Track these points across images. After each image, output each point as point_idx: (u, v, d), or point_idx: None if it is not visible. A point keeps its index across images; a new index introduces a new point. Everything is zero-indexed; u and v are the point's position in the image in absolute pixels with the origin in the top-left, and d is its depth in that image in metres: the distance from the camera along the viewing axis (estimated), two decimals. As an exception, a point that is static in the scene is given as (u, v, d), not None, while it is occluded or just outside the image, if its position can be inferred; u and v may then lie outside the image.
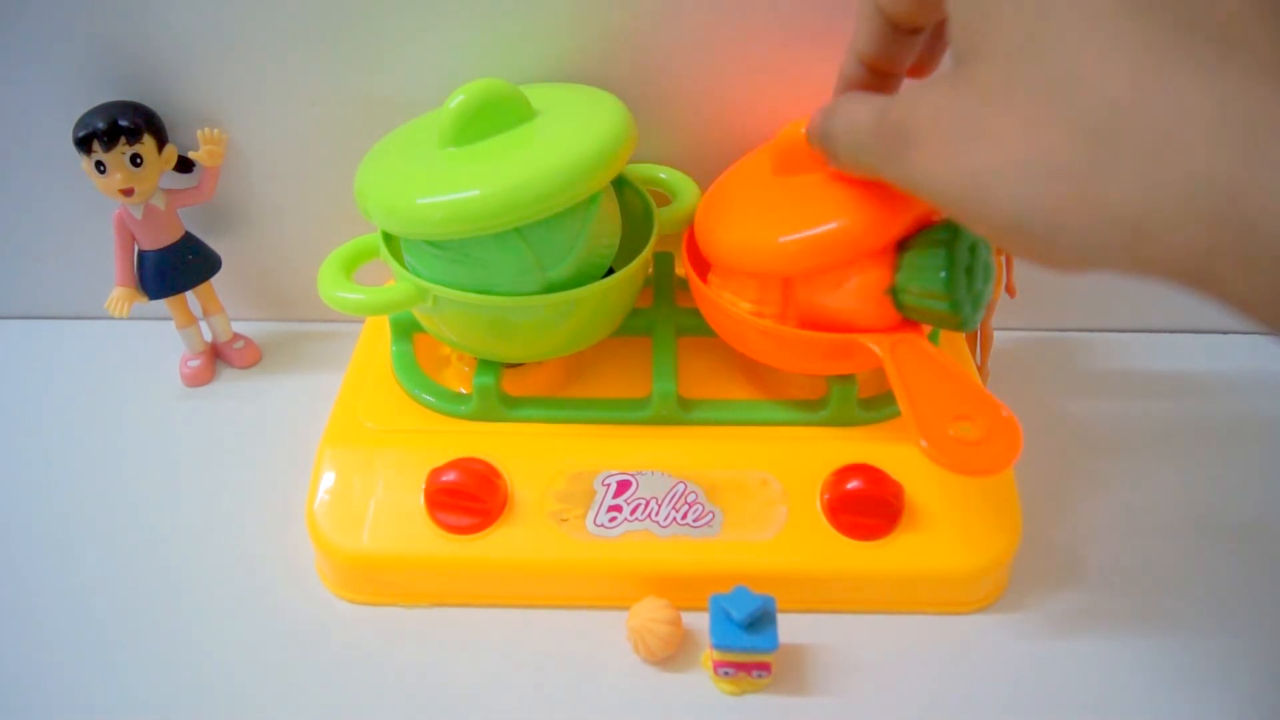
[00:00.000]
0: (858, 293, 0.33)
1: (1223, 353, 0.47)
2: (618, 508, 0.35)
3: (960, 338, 0.42)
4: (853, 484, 0.34)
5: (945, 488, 0.35)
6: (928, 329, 0.34)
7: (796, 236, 0.33)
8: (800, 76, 0.41)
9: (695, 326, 0.39)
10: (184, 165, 0.43)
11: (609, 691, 0.32)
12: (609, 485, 0.35)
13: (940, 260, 0.31)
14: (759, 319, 0.34)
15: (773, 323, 0.34)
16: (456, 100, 0.34)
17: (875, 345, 0.33)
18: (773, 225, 0.34)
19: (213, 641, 0.35)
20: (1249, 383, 0.46)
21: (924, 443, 0.29)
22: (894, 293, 0.33)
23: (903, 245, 0.33)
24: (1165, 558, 0.37)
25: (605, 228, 0.36)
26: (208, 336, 0.47)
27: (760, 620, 0.31)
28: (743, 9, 0.39)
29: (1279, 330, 0.18)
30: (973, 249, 0.32)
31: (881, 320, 0.34)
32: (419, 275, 0.35)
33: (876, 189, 0.33)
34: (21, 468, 0.42)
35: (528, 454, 0.36)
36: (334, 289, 0.34)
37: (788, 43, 0.40)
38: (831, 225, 0.32)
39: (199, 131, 0.42)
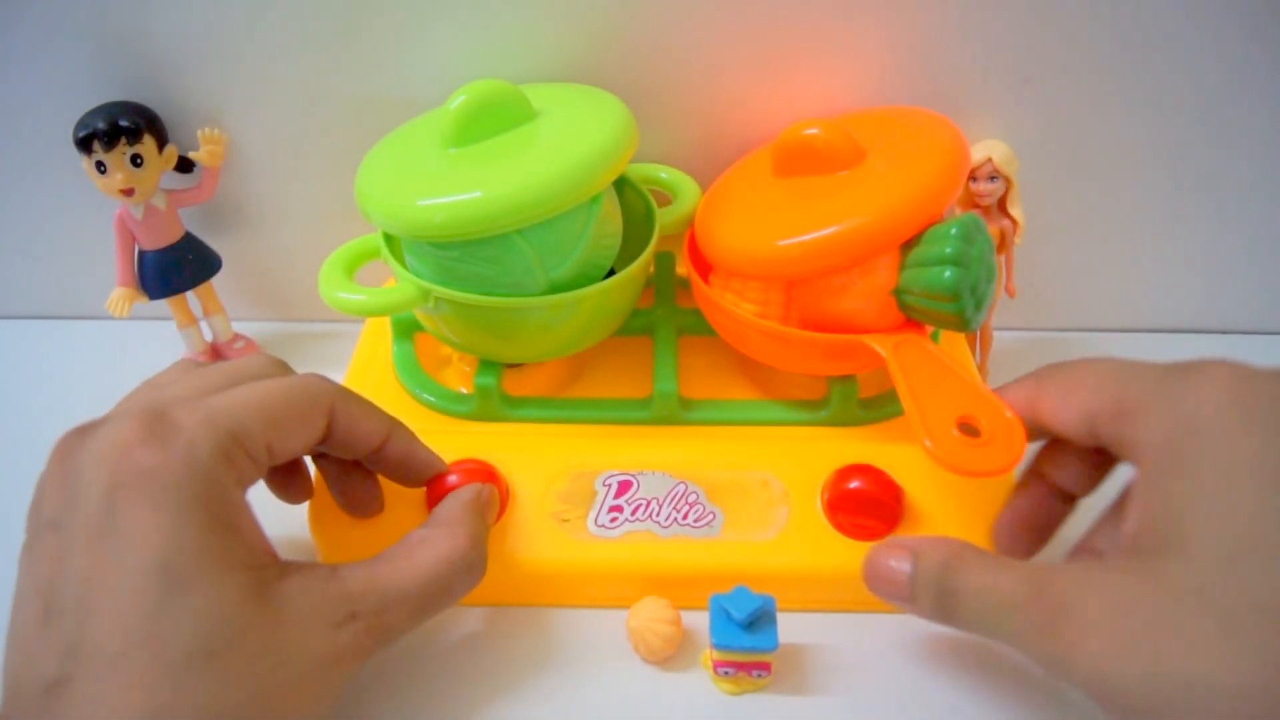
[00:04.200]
0: (862, 295, 0.33)
1: (1224, 353, 0.47)
2: (619, 508, 0.35)
3: (960, 338, 0.42)
4: (853, 484, 0.34)
5: (945, 488, 0.35)
6: (930, 329, 0.34)
7: (797, 240, 0.33)
8: (801, 76, 0.41)
9: (696, 326, 0.39)
10: (184, 165, 0.43)
11: (609, 691, 0.32)
12: (610, 485, 0.35)
13: (945, 261, 0.31)
14: (762, 320, 0.34)
15: (775, 324, 0.34)
16: (457, 101, 0.34)
17: (879, 346, 0.33)
18: (773, 228, 0.34)
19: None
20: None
21: (928, 442, 0.29)
22: (898, 294, 0.33)
23: (906, 247, 0.33)
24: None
25: (607, 228, 0.36)
26: (208, 336, 0.47)
27: (760, 620, 0.31)
28: (743, 9, 0.39)
29: None
30: (976, 251, 0.32)
31: (885, 321, 0.34)
32: (420, 276, 0.35)
33: (878, 193, 0.33)
34: (22, 468, 0.42)
35: (529, 454, 0.36)
36: (335, 290, 0.35)
37: (788, 42, 0.40)
38: (834, 229, 0.32)
39: (199, 131, 0.42)
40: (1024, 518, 0.32)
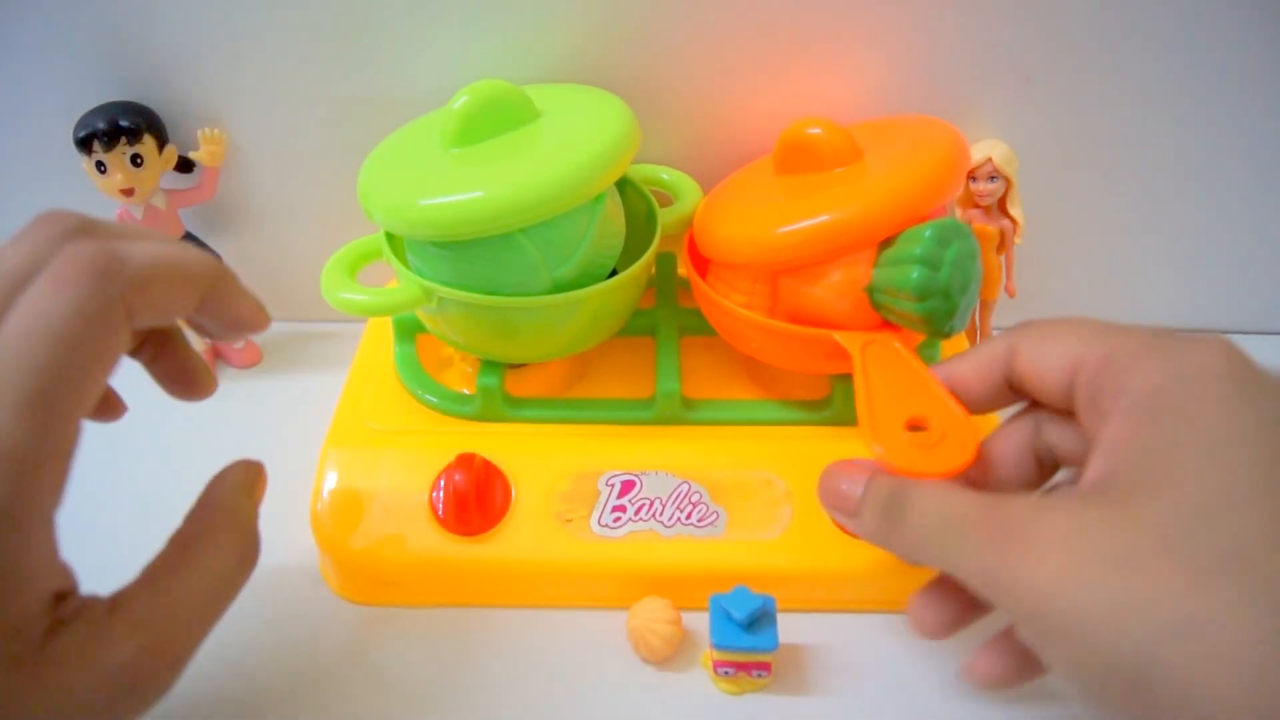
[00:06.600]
0: (840, 291, 0.33)
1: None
2: (622, 508, 0.35)
3: (963, 337, 0.42)
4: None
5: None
6: (915, 338, 0.34)
7: (777, 231, 0.33)
8: (803, 75, 0.41)
9: (698, 326, 0.39)
10: (184, 165, 0.43)
11: (609, 691, 0.32)
12: (613, 485, 0.35)
13: (914, 261, 0.31)
14: (745, 310, 0.34)
15: (756, 314, 0.34)
16: (460, 101, 0.34)
17: (848, 343, 0.32)
18: (762, 220, 0.34)
19: (216, 642, 0.35)
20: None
21: (877, 448, 0.28)
22: (870, 291, 0.33)
23: (885, 245, 0.33)
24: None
25: (610, 229, 0.36)
26: (208, 336, 0.47)
27: (760, 620, 0.31)
28: (744, 9, 0.39)
29: None
30: (950, 255, 0.31)
31: (862, 321, 0.33)
32: (423, 276, 0.35)
33: (863, 189, 0.33)
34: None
35: (531, 454, 0.36)
36: (338, 290, 0.34)
37: (790, 40, 0.40)
38: (813, 221, 0.32)
39: (199, 131, 0.42)
40: (1015, 448, 0.29)
